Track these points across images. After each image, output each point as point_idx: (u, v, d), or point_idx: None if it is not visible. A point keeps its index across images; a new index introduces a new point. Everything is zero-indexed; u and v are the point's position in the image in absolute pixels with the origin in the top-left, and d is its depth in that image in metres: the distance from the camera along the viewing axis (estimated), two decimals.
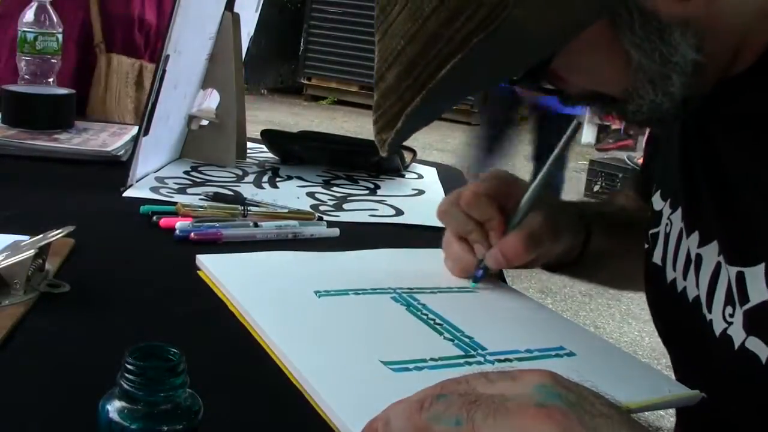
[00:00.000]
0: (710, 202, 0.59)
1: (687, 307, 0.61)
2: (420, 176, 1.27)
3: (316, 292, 0.67)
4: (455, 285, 0.74)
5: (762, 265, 0.52)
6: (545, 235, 0.71)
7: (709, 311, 0.58)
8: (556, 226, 0.72)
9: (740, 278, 0.54)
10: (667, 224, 0.67)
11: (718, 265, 0.57)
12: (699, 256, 0.60)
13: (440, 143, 7.57)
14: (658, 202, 0.70)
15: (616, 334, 3.11)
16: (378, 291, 0.69)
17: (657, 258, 0.68)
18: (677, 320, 0.65)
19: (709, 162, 0.59)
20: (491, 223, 0.71)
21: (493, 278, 0.75)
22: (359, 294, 0.68)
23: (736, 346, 0.54)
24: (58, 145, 1.16)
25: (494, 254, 0.70)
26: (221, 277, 0.69)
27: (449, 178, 1.31)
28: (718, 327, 0.57)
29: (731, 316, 0.55)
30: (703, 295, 0.59)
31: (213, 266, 0.72)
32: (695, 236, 0.61)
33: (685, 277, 0.62)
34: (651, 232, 0.70)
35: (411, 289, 0.70)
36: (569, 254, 0.76)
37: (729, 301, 0.56)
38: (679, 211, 0.64)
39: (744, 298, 0.54)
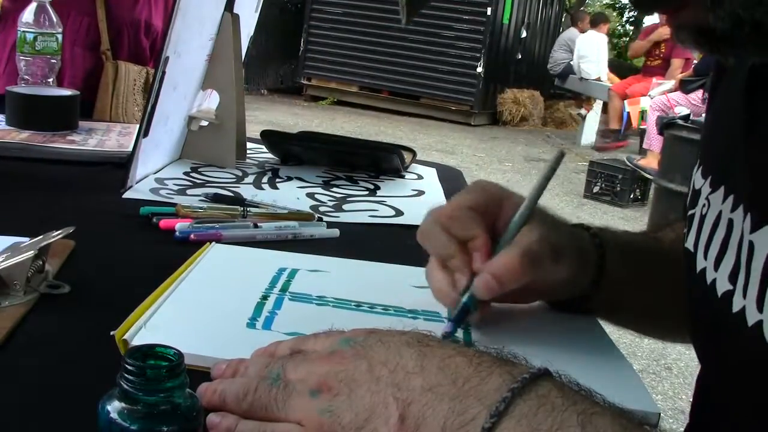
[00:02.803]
0: None
1: (715, 302, 0.53)
2: (420, 177, 1.28)
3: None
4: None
5: None
6: (544, 254, 0.60)
7: (744, 297, 0.49)
8: (557, 243, 0.62)
9: None
10: (704, 205, 0.57)
11: None
12: (752, 244, 0.50)
13: (440, 143, 7.58)
14: (698, 179, 0.60)
15: (615, 335, 3.10)
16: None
17: (690, 243, 0.59)
18: (704, 314, 0.57)
19: None
20: (475, 243, 0.61)
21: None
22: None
23: None
24: (82, 147, 1.16)
25: (484, 279, 0.59)
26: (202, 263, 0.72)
27: (449, 178, 1.31)
28: (752, 318, 0.48)
29: None
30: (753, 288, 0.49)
31: (213, 255, 0.74)
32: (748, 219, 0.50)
33: (716, 268, 0.53)
34: (689, 213, 0.61)
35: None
36: (576, 283, 0.65)
37: None
38: (721, 191, 0.55)
39: None
